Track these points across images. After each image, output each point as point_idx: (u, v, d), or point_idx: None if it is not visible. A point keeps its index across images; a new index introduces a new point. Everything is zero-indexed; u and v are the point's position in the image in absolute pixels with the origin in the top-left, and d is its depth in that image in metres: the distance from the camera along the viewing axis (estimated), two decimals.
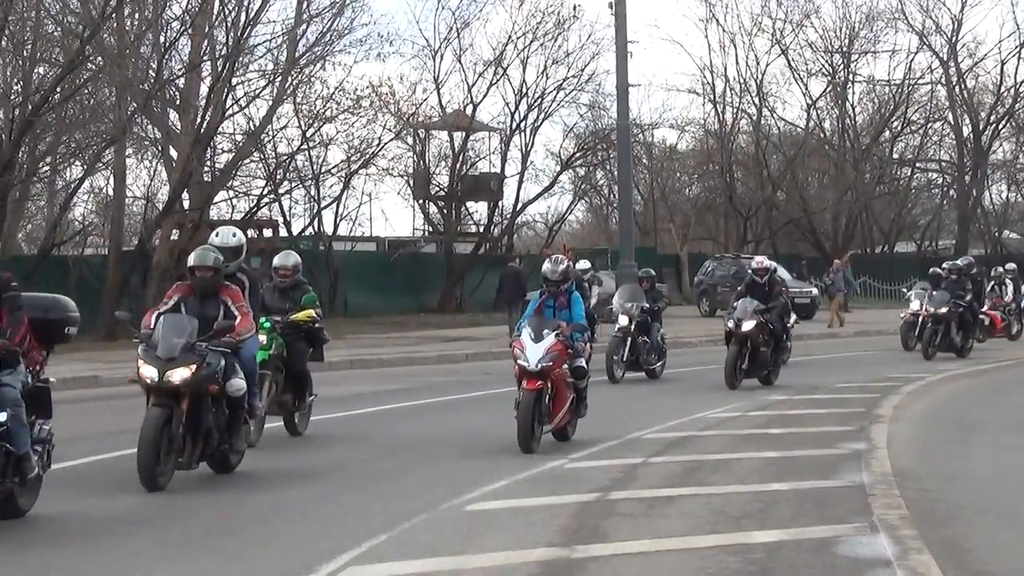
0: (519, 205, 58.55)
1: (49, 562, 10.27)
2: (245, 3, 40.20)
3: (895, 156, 73.27)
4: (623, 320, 25.77)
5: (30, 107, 35.35)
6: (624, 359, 25.57)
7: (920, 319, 31.83)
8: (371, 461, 15.31)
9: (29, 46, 36.95)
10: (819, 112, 70.12)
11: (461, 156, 56.50)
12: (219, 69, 40.03)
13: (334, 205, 53.27)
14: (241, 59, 40.71)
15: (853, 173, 68.41)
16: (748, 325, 23.39)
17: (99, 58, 37.19)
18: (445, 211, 57.82)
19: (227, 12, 40.55)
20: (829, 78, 69.18)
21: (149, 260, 40.05)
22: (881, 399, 21.57)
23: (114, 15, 36.85)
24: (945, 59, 69.78)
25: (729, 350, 23.87)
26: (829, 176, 72.03)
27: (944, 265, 33.97)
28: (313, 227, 52.53)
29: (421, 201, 58.40)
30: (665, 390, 24.09)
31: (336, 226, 54.07)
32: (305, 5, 42.24)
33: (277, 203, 49.98)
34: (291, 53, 41.84)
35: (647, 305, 26.23)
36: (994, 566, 10.21)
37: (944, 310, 31.26)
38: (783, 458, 15.27)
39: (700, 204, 69.23)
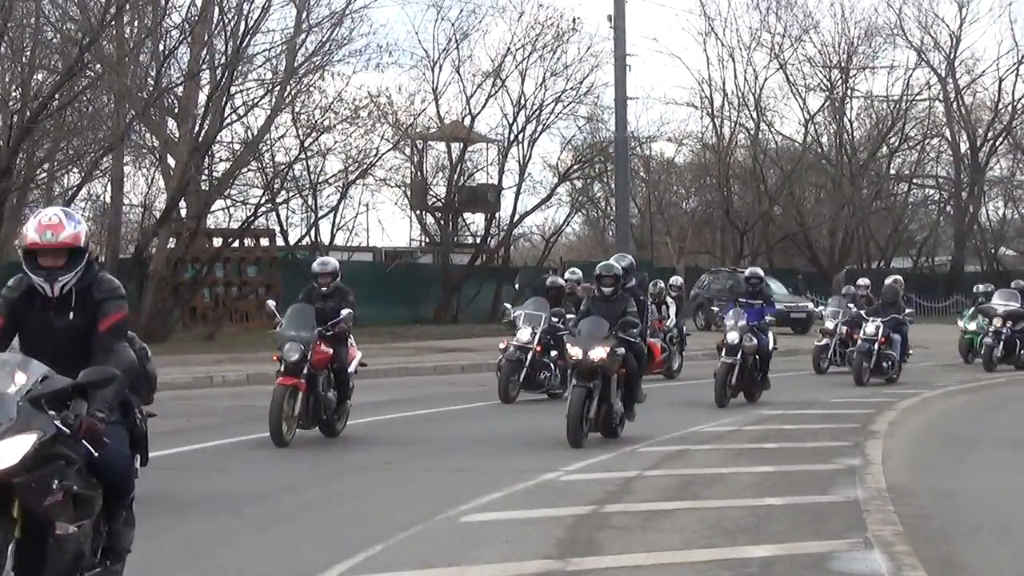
0: (516, 217, 58.56)
1: None
2: (244, 12, 40.22)
3: (892, 172, 73.28)
4: None
5: (28, 113, 35.34)
6: None
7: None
8: (366, 471, 15.32)
9: (28, 52, 36.97)
10: (817, 127, 70.14)
11: (459, 167, 56.51)
12: (218, 78, 40.06)
13: (331, 215, 53.27)
14: (240, 68, 40.72)
15: (850, 188, 68.42)
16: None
17: (98, 65, 37.20)
18: (442, 222, 57.83)
19: (226, 21, 40.57)
20: (827, 93, 69.19)
21: (146, 268, 40.06)
22: (876, 415, 21.59)
23: (113, 23, 36.87)
24: (943, 75, 69.84)
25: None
26: (826, 191, 72.01)
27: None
28: (310, 237, 52.48)
29: (418, 212, 58.41)
30: (659, 403, 24.05)
31: (333, 236, 54.06)
32: (304, 15, 42.26)
33: (274, 212, 49.95)
34: (290, 63, 41.86)
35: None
36: None
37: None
38: (778, 473, 15.28)
39: (697, 218, 69.23)
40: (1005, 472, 16.28)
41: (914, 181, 74.57)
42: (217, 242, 46.02)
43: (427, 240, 59.60)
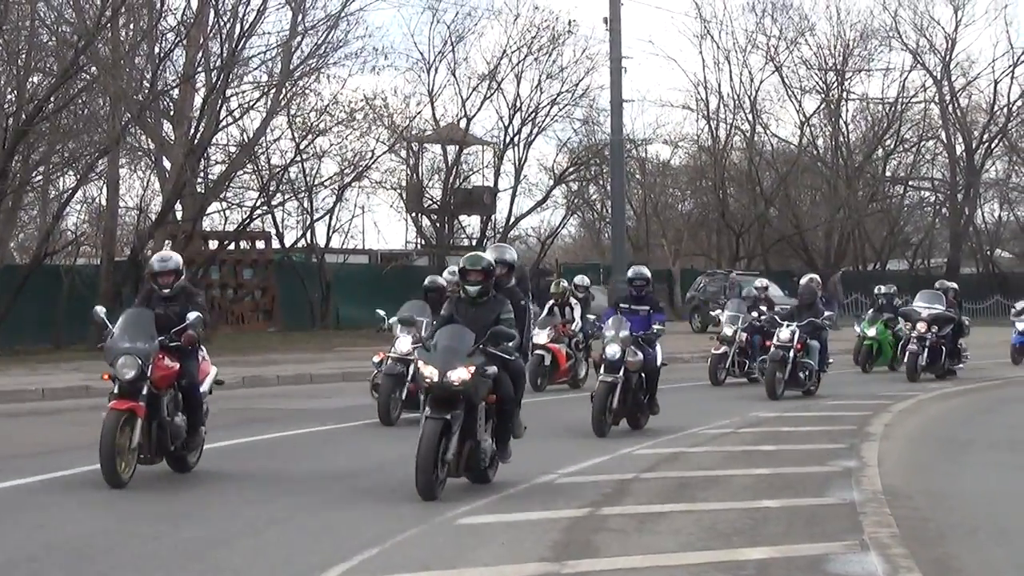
0: (512, 219, 58.65)
1: (39, 574, 10.25)
2: (240, 15, 40.24)
3: (888, 174, 73.37)
4: None
5: (24, 116, 35.30)
6: None
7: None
8: (364, 473, 15.31)
9: (23, 55, 36.91)
10: (812, 129, 70.25)
11: (454, 169, 56.57)
12: (213, 80, 40.06)
13: (327, 217, 53.26)
14: (235, 71, 40.72)
15: (846, 190, 68.47)
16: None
17: (93, 68, 37.19)
18: (438, 224, 57.84)
19: (222, 24, 40.58)
20: (823, 95, 69.29)
21: (141, 270, 39.99)
22: (872, 417, 21.62)
23: (109, 25, 36.86)
24: (939, 78, 69.94)
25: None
26: (822, 193, 72.08)
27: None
28: (306, 239, 52.48)
29: (414, 214, 58.43)
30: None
31: (328, 238, 54.05)
32: (300, 18, 42.27)
33: (270, 215, 49.98)
34: (285, 65, 41.85)
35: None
36: None
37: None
38: (774, 475, 15.28)
39: (693, 220, 69.31)
40: (1001, 474, 16.29)
41: (910, 183, 74.68)
42: (213, 245, 46.05)
43: (423, 242, 59.62)
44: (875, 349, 33.31)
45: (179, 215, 42.30)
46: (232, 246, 47.03)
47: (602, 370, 19.29)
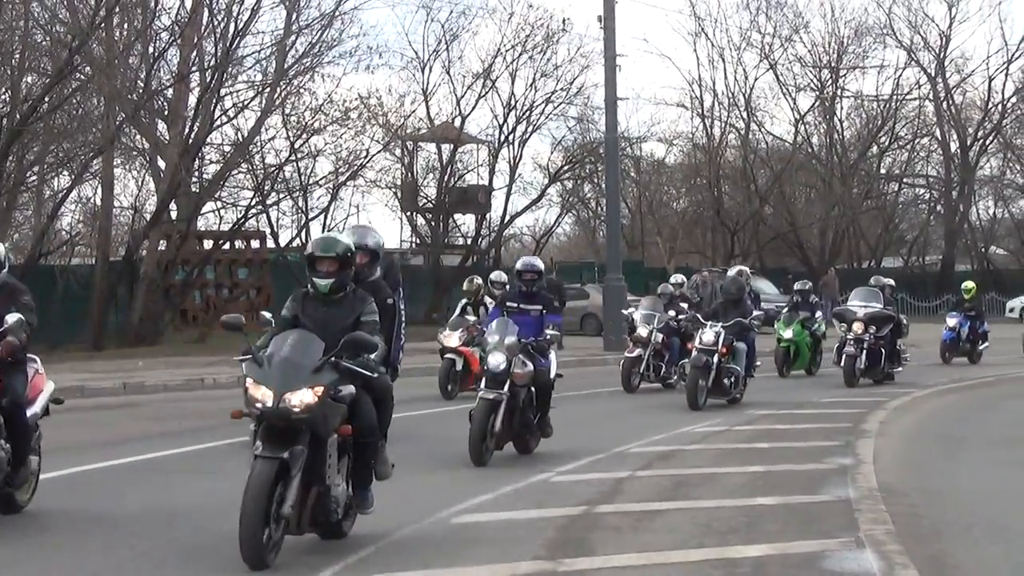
0: (507, 218, 58.69)
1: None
2: (234, 14, 40.23)
3: (882, 171, 73.41)
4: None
5: (18, 116, 35.28)
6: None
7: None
8: None
9: (17, 55, 36.89)
10: (807, 127, 70.27)
11: (449, 168, 56.55)
12: (207, 80, 40.03)
13: (322, 216, 53.23)
14: (230, 70, 40.71)
15: (841, 188, 68.50)
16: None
17: (87, 68, 37.17)
18: (432, 223, 57.84)
19: (216, 23, 40.57)
20: (817, 93, 69.33)
21: (136, 270, 40.04)
22: (867, 414, 21.63)
23: (103, 25, 36.83)
24: (933, 75, 69.99)
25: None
26: (816, 191, 72.12)
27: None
28: (301, 238, 52.40)
29: (409, 213, 58.44)
30: (651, 404, 24.08)
31: None
32: (294, 17, 42.24)
33: (265, 214, 49.93)
34: (280, 64, 41.82)
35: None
36: None
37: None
38: (769, 472, 15.29)
39: (688, 218, 69.33)
40: (996, 471, 16.30)
41: (904, 180, 74.73)
42: (208, 244, 46.01)
43: (418, 241, 59.63)
44: (792, 351, 31.08)
45: (174, 215, 42.26)
46: (227, 245, 46.98)
47: (483, 384, 15.99)
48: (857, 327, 28.23)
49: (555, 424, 16.86)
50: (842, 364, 28.22)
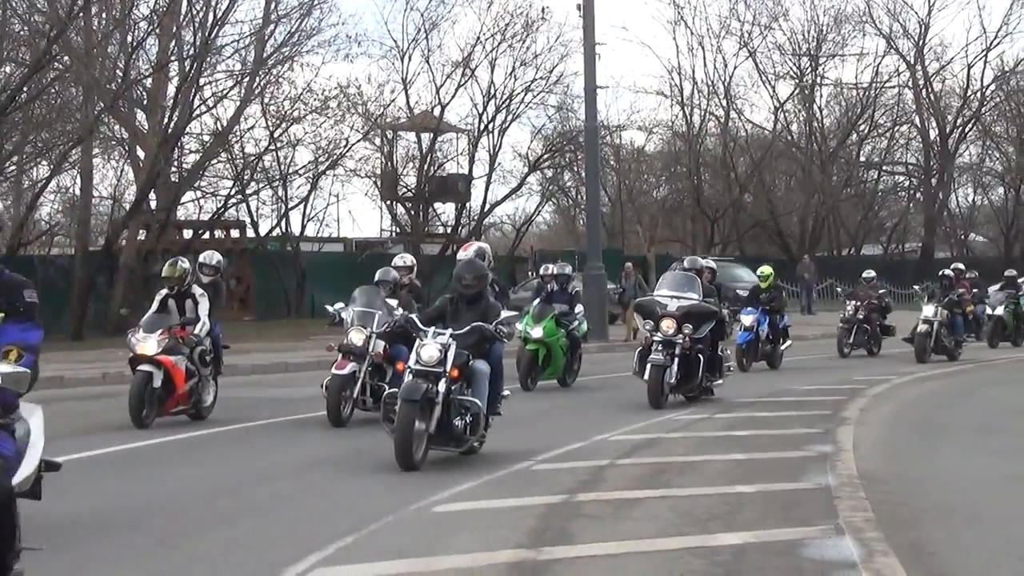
0: (487, 206, 58.69)
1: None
2: (213, 3, 40.19)
3: (862, 159, 73.59)
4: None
5: None
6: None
7: None
8: (339, 462, 15.29)
9: None
10: (787, 115, 70.43)
11: (429, 157, 56.55)
12: (186, 69, 40.00)
13: (301, 206, 53.30)
14: (209, 59, 40.69)
15: (820, 176, 68.65)
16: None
17: (66, 57, 37.10)
18: (412, 212, 57.85)
19: (195, 12, 40.55)
20: (797, 81, 69.44)
21: (116, 260, 39.98)
22: (847, 402, 21.67)
23: (81, 15, 36.77)
24: (912, 62, 70.12)
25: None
26: (796, 179, 72.27)
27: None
28: (280, 228, 52.46)
29: (388, 202, 58.44)
30: (631, 392, 24.04)
31: (303, 227, 54.10)
32: (273, 6, 42.26)
33: (244, 203, 49.98)
34: (259, 54, 41.82)
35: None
36: (958, 569, 10.25)
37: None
38: (749, 460, 15.31)
39: (667, 206, 69.38)
40: (975, 458, 16.34)
41: (884, 168, 74.89)
42: (187, 234, 45.98)
43: (398, 230, 59.62)
44: (541, 356, 24.19)
45: (153, 204, 42.23)
46: (207, 235, 46.97)
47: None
48: (666, 326, 21.06)
49: (530, 414, 16.89)
50: (646, 376, 20.99)
